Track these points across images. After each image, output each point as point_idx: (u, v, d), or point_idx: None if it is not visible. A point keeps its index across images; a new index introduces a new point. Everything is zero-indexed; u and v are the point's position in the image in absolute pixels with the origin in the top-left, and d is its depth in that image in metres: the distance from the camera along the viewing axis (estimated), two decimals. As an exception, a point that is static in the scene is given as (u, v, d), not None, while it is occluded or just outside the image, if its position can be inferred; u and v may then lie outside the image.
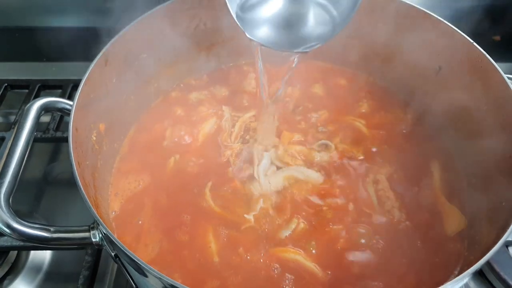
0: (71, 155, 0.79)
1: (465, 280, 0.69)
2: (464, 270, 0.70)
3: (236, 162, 1.08)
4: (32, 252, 1.18)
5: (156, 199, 1.02)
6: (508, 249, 1.09)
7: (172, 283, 0.65)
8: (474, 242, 0.93)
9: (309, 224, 0.97)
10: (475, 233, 0.94)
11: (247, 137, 1.14)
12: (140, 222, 0.98)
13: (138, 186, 1.05)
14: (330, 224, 0.97)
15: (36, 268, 1.16)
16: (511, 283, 1.03)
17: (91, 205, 0.73)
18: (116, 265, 1.14)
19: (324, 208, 1.00)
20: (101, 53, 0.96)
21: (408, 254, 0.93)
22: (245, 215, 0.97)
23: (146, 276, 0.71)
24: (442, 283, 0.67)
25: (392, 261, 0.92)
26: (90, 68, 0.93)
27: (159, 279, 0.66)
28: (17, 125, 0.86)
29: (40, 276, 1.15)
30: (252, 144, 1.12)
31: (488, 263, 1.05)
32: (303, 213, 0.98)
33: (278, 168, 1.06)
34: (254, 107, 1.22)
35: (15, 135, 0.84)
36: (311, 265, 0.90)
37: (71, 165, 0.78)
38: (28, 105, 0.88)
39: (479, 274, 1.11)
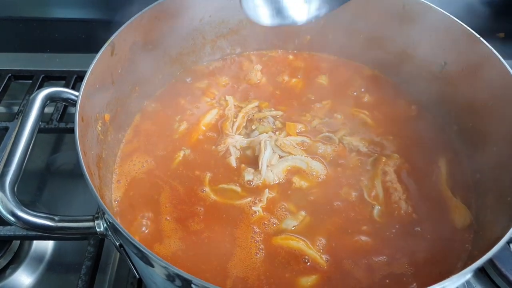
0: (77, 145, 0.79)
1: (468, 276, 0.69)
2: (468, 265, 0.69)
3: (237, 151, 1.08)
4: (35, 242, 1.18)
5: (158, 185, 1.02)
6: (510, 246, 1.09)
7: (178, 272, 0.65)
8: (478, 237, 0.93)
9: (313, 215, 0.97)
10: (480, 228, 0.95)
11: (253, 126, 1.14)
12: (141, 210, 0.98)
13: (141, 169, 1.05)
14: (333, 214, 0.97)
15: (39, 258, 1.16)
16: (512, 279, 1.04)
17: (97, 194, 0.73)
18: (118, 256, 1.15)
19: (327, 198, 1.00)
20: (107, 43, 0.96)
21: (412, 246, 0.93)
22: (253, 207, 0.97)
23: (152, 266, 0.71)
24: (444, 275, 0.67)
25: (395, 250, 0.92)
26: (96, 58, 0.93)
27: (165, 268, 0.67)
28: (22, 114, 0.85)
29: (42, 266, 1.15)
30: (255, 135, 1.12)
31: (490, 259, 1.05)
32: (307, 204, 0.99)
33: (281, 157, 1.06)
34: (258, 98, 1.23)
35: (20, 124, 0.83)
36: (313, 253, 0.90)
37: (77, 154, 0.78)
38: (33, 94, 0.88)
39: (481, 271, 1.11)
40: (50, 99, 0.90)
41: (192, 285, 0.65)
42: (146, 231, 0.94)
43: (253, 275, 0.88)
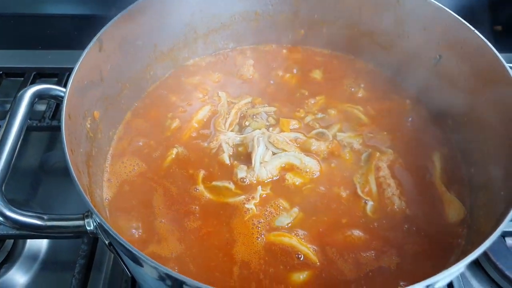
0: (63, 142, 0.78)
1: (461, 269, 0.69)
2: (461, 259, 0.69)
3: (230, 148, 1.07)
4: (29, 241, 1.17)
5: (150, 185, 1.01)
6: (504, 239, 1.09)
7: (167, 272, 0.65)
8: (472, 232, 0.93)
9: (306, 211, 0.96)
10: (474, 222, 0.94)
11: (246, 122, 1.13)
12: (134, 210, 0.97)
13: (133, 170, 1.04)
14: (327, 210, 0.97)
15: (33, 257, 1.15)
16: (506, 273, 1.04)
17: (83, 193, 0.73)
18: (113, 254, 1.14)
19: (321, 195, 0.99)
20: (95, 39, 0.94)
21: (405, 241, 0.92)
22: (246, 205, 0.96)
23: (141, 265, 0.70)
24: (437, 269, 0.66)
25: (387, 246, 0.92)
26: (84, 53, 0.92)
27: (155, 268, 0.66)
28: (10, 112, 0.84)
29: (36, 265, 1.14)
30: (248, 131, 1.11)
31: (484, 253, 1.05)
32: (300, 201, 0.98)
33: (274, 154, 1.05)
34: (252, 94, 1.22)
35: (7, 122, 0.82)
36: (306, 249, 0.90)
37: (63, 152, 0.77)
38: (21, 92, 0.87)
39: (475, 264, 1.11)
40: (39, 96, 0.89)
41: (184, 286, 0.65)
42: (139, 232, 0.93)
43: (255, 258, 0.89)
